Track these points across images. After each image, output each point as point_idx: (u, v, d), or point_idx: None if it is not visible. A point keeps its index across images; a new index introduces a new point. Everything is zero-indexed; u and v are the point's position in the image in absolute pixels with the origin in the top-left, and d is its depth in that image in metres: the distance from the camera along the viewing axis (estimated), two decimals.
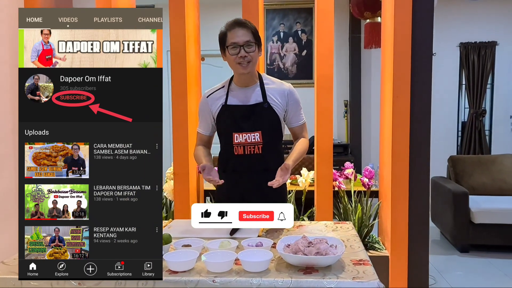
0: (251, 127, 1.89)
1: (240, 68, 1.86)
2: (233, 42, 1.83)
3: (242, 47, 1.82)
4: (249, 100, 1.91)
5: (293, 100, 1.95)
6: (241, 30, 1.83)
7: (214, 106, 1.95)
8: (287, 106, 1.94)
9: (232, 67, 1.90)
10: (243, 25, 1.85)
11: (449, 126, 5.78)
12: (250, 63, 1.86)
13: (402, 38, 2.39)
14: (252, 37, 1.84)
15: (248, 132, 1.88)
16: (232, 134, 1.90)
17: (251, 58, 1.85)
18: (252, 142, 1.88)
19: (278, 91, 1.94)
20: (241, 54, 1.83)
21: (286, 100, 1.93)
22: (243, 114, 1.90)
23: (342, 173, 2.75)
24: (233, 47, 1.83)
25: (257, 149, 1.88)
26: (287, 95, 1.94)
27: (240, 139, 1.89)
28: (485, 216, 3.87)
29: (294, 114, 1.97)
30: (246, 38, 1.83)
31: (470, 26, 5.59)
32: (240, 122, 1.89)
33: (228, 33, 1.85)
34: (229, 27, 1.86)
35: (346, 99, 5.76)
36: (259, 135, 1.88)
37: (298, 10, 5.73)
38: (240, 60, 1.84)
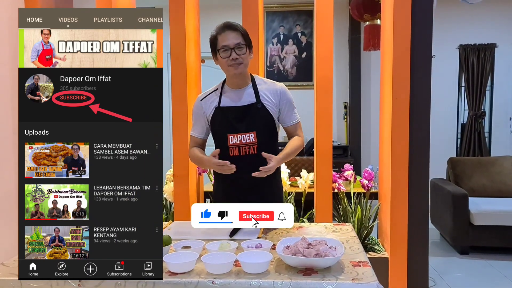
0: (245, 128, 1.90)
1: (232, 70, 1.88)
2: (224, 45, 1.85)
3: (233, 49, 1.85)
4: (243, 101, 1.93)
5: (285, 99, 1.97)
6: (232, 33, 1.85)
7: (208, 108, 1.97)
8: (280, 105, 1.96)
9: (224, 69, 1.93)
10: (233, 28, 1.87)
11: (448, 128, 5.78)
12: (242, 64, 1.88)
13: (401, 40, 2.40)
14: (243, 39, 1.87)
15: (243, 133, 1.89)
16: (226, 135, 1.90)
17: (242, 60, 1.87)
18: (247, 143, 1.89)
19: (270, 90, 1.95)
20: (232, 56, 1.85)
21: (279, 99, 1.95)
22: (236, 115, 1.91)
23: (342, 175, 2.76)
24: (224, 50, 1.86)
25: (252, 149, 1.89)
26: (280, 94, 1.95)
27: (235, 140, 1.90)
28: (485, 218, 3.87)
29: (288, 113, 1.98)
30: (237, 41, 1.85)
31: (469, 28, 5.60)
32: (234, 123, 1.91)
33: (218, 37, 1.87)
34: (219, 31, 1.88)
35: (345, 101, 5.77)
36: (254, 135, 1.89)
37: (298, 13, 5.74)
38: (232, 63, 1.86)
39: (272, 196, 2.00)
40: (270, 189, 1.99)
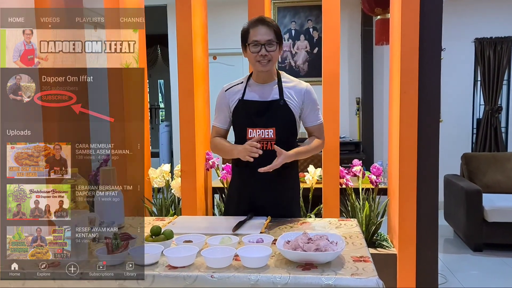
0: (265, 123, 1.89)
1: (259, 66, 1.87)
2: (254, 40, 1.84)
3: (263, 45, 1.83)
4: (266, 97, 1.92)
5: (309, 99, 1.95)
6: (264, 28, 1.84)
7: (232, 99, 1.96)
8: (303, 105, 1.94)
9: (252, 63, 1.92)
10: (266, 23, 1.85)
11: (464, 123, 5.66)
12: (270, 61, 1.87)
13: (409, 33, 2.36)
14: (274, 36, 1.85)
15: (262, 128, 1.89)
16: (246, 129, 1.91)
17: (272, 57, 1.86)
18: (265, 138, 1.89)
19: (295, 89, 1.94)
20: (261, 52, 1.84)
21: (303, 98, 1.93)
22: (258, 110, 1.91)
23: (350, 170, 2.73)
24: (255, 45, 1.84)
25: (270, 145, 1.88)
26: (304, 94, 1.94)
27: (254, 134, 1.90)
28: (499, 214, 3.79)
29: (310, 113, 1.96)
30: (268, 37, 1.84)
31: (485, 21, 5.47)
32: (255, 117, 1.90)
33: (250, 30, 1.86)
34: (252, 25, 1.86)
35: (358, 96, 5.71)
36: (273, 131, 1.88)
37: (309, 8, 5.69)
38: (260, 58, 1.85)
39: (286, 192, 1.98)
40: (283, 190, 1.97)
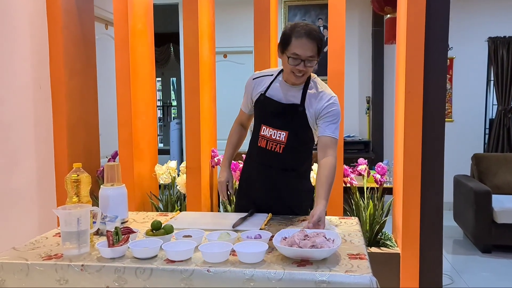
0: (279, 125, 1.86)
1: (293, 78, 1.81)
2: (296, 53, 1.75)
3: (303, 61, 1.75)
4: (287, 99, 1.86)
5: (328, 112, 1.83)
6: (309, 43, 1.73)
7: (255, 90, 1.94)
8: (321, 116, 1.84)
9: (285, 71, 1.84)
10: (312, 37, 1.74)
11: (476, 123, 5.59)
12: (305, 75, 1.81)
13: (415, 30, 2.33)
14: (316, 52, 1.76)
15: (276, 129, 1.87)
16: (261, 124, 1.90)
17: (307, 72, 1.80)
18: (276, 140, 1.87)
19: (318, 98, 1.85)
20: (300, 67, 1.76)
21: (321, 109, 1.83)
22: (275, 110, 1.87)
23: (355, 169, 2.73)
24: (295, 58, 1.75)
25: (278, 147, 1.87)
26: (325, 107, 1.83)
27: (266, 132, 1.89)
28: (509, 215, 3.74)
29: (324, 124, 1.83)
30: (310, 53, 1.75)
31: (499, 20, 5.38)
32: (270, 116, 1.88)
33: (293, 40, 1.75)
34: (296, 34, 1.74)
35: (368, 95, 5.68)
36: (286, 135, 1.85)
37: (320, 6, 5.68)
38: (296, 72, 1.78)
39: (289, 193, 1.94)
40: (290, 190, 1.95)
